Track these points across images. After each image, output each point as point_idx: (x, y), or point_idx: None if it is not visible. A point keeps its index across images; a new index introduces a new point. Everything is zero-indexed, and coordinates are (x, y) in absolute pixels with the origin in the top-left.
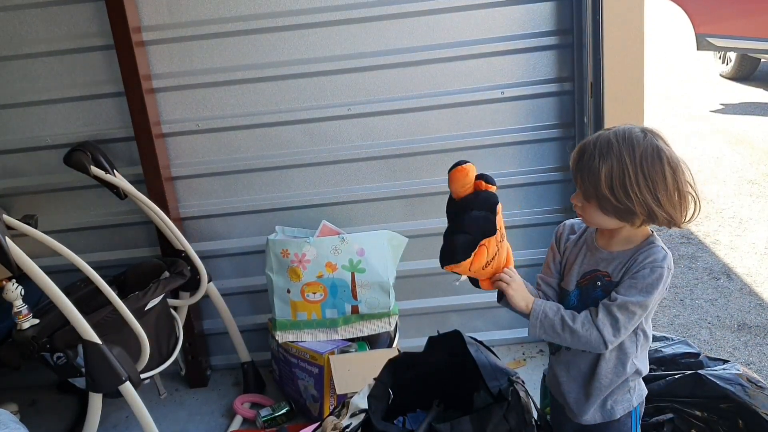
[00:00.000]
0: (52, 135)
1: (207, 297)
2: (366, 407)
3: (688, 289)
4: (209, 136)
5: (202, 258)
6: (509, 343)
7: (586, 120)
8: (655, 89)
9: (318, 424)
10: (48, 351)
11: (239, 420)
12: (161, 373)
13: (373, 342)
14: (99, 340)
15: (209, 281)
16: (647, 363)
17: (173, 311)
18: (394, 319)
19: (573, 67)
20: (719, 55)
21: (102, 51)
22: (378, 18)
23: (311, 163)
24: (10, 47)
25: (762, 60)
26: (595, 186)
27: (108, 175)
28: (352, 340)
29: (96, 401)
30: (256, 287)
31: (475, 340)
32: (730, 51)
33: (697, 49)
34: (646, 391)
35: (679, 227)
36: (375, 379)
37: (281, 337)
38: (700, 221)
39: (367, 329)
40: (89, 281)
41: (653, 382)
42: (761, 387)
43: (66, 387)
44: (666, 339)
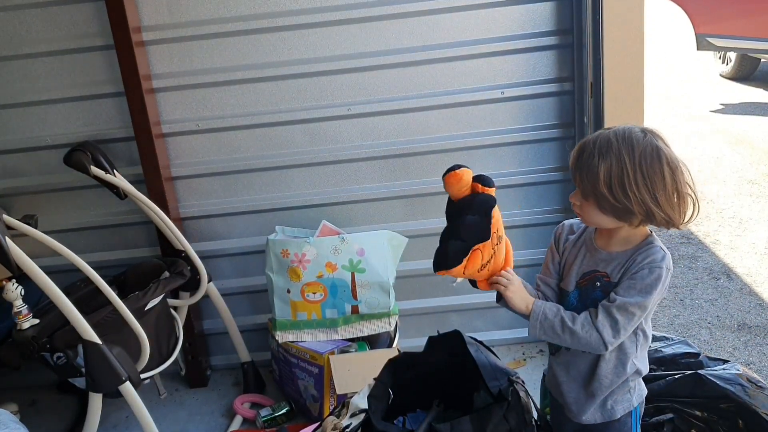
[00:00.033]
0: (52, 135)
1: (207, 297)
2: (366, 407)
3: (688, 289)
4: (209, 136)
5: (202, 258)
6: (509, 343)
7: (586, 120)
8: (655, 89)
9: (318, 424)
10: (48, 351)
11: (239, 420)
12: (161, 373)
13: (373, 342)
14: (99, 340)
15: (209, 281)
16: (647, 363)
17: (173, 311)
18: (394, 319)
19: (573, 67)
20: (719, 55)
21: (102, 51)
22: (378, 18)
23: (311, 163)
24: (10, 47)
25: (762, 60)
26: (594, 184)
27: (108, 175)
28: (352, 340)
29: (96, 401)
30: (256, 287)
31: (475, 340)
32: (730, 51)
33: (697, 49)
34: (646, 391)
35: (678, 228)
36: (375, 379)
37: (281, 337)
38: (700, 221)
39: (367, 329)
40: (89, 281)
41: (653, 382)
42: (761, 387)
43: (66, 387)
44: (666, 339)
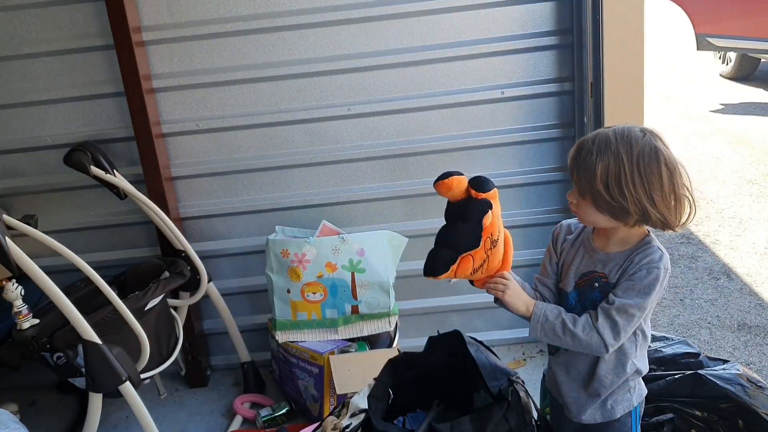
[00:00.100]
0: (52, 135)
1: (207, 297)
2: (366, 407)
3: (688, 289)
4: (209, 136)
5: (202, 258)
6: (509, 343)
7: (586, 120)
8: (655, 89)
9: (318, 424)
10: (48, 351)
11: (239, 420)
12: (161, 373)
13: (373, 342)
14: (99, 340)
15: (209, 281)
16: (647, 362)
17: (173, 311)
18: (394, 319)
19: (573, 67)
20: (719, 55)
21: (102, 51)
22: (378, 18)
23: (311, 163)
24: (10, 47)
25: (762, 60)
26: (591, 182)
27: (108, 175)
28: (352, 340)
29: (96, 401)
30: (256, 287)
31: (475, 340)
32: (730, 51)
33: (697, 49)
34: (646, 391)
35: (673, 230)
36: (375, 379)
37: (281, 337)
38: (700, 221)
39: (367, 329)
40: (89, 281)
41: (653, 382)
42: (761, 387)
43: (66, 387)
44: (666, 339)
